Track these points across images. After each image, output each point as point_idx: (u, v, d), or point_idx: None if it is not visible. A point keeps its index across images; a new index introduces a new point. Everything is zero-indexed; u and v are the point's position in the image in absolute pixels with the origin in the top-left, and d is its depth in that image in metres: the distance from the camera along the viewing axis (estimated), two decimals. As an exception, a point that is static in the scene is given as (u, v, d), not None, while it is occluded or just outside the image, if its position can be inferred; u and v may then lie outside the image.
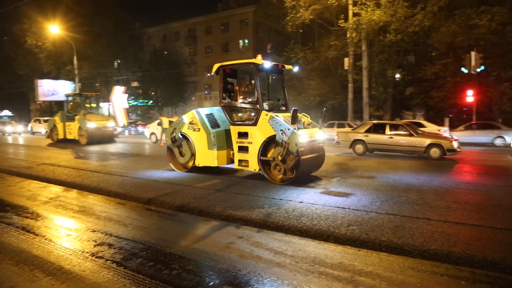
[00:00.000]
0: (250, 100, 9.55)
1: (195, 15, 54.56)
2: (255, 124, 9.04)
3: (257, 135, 9.03)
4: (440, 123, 22.37)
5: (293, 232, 5.41)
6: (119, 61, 53.28)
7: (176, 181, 9.15)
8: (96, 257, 4.53)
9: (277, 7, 28.23)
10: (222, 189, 8.20)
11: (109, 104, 30.06)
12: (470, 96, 20.70)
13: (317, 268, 4.21)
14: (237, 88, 9.87)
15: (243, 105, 9.47)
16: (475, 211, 6.29)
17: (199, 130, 10.00)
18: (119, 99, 28.41)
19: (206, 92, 55.01)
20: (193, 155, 10.27)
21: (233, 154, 9.75)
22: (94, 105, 22.38)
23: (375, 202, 6.97)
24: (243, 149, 9.36)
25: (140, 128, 23.57)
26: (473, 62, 20.13)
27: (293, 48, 29.22)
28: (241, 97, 9.63)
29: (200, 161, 10.10)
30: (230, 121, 9.54)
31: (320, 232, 5.26)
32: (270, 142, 8.92)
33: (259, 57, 9.26)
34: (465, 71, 21.25)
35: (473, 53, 20.37)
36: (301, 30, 28.96)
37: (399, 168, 11.45)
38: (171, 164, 10.84)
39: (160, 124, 20.55)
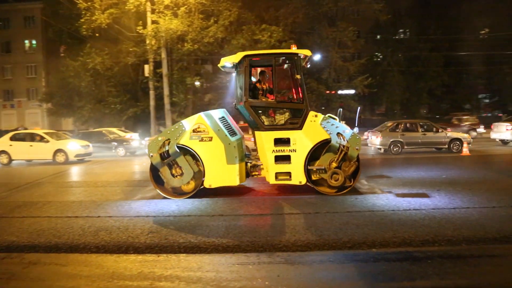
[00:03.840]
0: (291, 98, 8.02)
1: (-41, 5, 44.65)
2: (300, 127, 7.70)
3: (303, 141, 7.68)
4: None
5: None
6: None
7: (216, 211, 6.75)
8: None
9: (69, 7, 25.91)
10: (297, 213, 6.52)
11: None
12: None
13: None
14: (261, 85, 8.15)
15: (285, 105, 7.86)
16: (260, 203, 7.23)
17: (210, 140, 7.70)
18: None
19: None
20: (195, 174, 7.85)
21: (251, 167, 8.17)
22: None
23: (461, 200, 7.09)
24: (283, 159, 7.76)
25: None
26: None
27: (89, 52, 27.26)
28: (277, 94, 7.89)
29: (214, 181, 7.80)
30: (261, 125, 7.83)
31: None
32: (317, 148, 7.73)
33: (294, 47, 7.74)
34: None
35: (258, 64, 23.29)
36: (97, 34, 27.29)
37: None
38: (158, 190, 8.00)
39: None
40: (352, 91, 31.40)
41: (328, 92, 30.66)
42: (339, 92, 31.51)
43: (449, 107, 37.96)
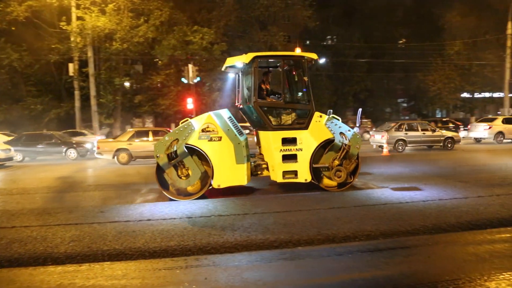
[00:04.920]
0: (299, 99, 8.55)
1: None
2: (306, 127, 8.07)
3: (309, 140, 8.05)
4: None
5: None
6: None
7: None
8: None
9: (-22, -4, 23.56)
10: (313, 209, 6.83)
11: None
12: (190, 104, 23.32)
13: None
14: (264, 86, 8.39)
15: (293, 106, 8.34)
16: (188, 206, 7.15)
17: (220, 140, 7.66)
18: None
19: None
20: (201, 174, 7.62)
21: (255, 167, 8.30)
22: None
23: (445, 191, 7.98)
24: (290, 158, 8.03)
25: None
26: (190, 74, 22.73)
27: (4, 47, 24.97)
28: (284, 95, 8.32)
29: (222, 181, 7.75)
30: (269, 125, 8.05)
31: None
32: (321, 147, 8.17)
33: (298, 50, 7.72)
34: (185, 81, 23.80)
35: (190, 66, 23.01)
36: (13, 28, 25.10)
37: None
38: (165, 193, 7.72)
39: None
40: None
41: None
42: (271, 94, 32.22)
43: (372, 110, 40.53)
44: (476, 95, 37.53)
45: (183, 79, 24.35)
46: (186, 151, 7.54)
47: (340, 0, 37.86)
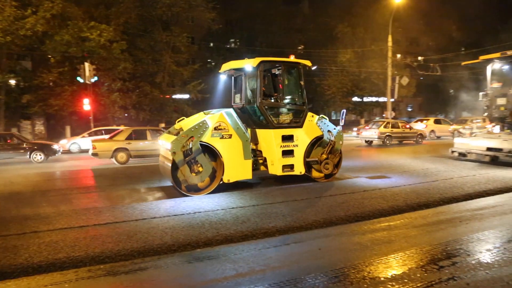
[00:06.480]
0: (297, 101, 9.34)
1: None
2: (301, 126, 9.06)
3: (303, 137, 9.07)
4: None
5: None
6: None
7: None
8: None
9: None
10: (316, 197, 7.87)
11: None
12: (87, 105, 21.87)
13: None
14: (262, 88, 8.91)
15: (292, 106, 9.18)
16: (82, 214, 6.70)
17: (230, 137, 8.30)
18: None
19: None
20: (212, 170, 8.20)
21: (256, 161, 9.01)
22: None
23: (407, 178, 9.51)
24: (288, 153, 8.92)
25: None
26: (87, 73, 21.35)
27: None
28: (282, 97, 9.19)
29: (232, 176, 8.34)
30: (271, 124, 8.81)
31: None
32: (312, 143, 9.21)
33: (292, 57, 9.39)
34: (81, 80, 22.25)
35: (86, 64, 21.59)
36: None
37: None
38: (178, 189, 8.11)
39: None
40: (186, 96, 31.93)
41: (162, 96, 30.44)
42: (173, 96, 31.69)
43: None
44: (365, 99, 41.35)
45: (78, 78, 22.68)
46: (200, 148, 7.95)
47: (243, 5, 38.70)
